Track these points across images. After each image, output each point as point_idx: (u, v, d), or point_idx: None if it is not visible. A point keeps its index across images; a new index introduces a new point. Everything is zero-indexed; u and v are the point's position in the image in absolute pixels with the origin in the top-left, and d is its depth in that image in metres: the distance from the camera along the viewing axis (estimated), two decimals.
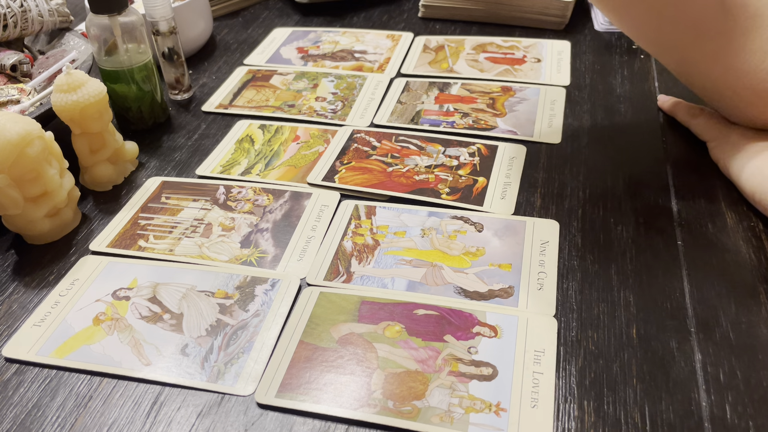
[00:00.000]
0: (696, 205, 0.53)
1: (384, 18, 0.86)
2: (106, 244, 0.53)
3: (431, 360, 0.42)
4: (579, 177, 0.57)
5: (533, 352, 0.42)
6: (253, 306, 0.47)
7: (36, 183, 0.51)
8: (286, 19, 0.88)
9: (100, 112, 0.56)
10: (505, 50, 0.76)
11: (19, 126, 0.49)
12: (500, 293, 0.47)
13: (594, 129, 0.63)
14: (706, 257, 0.48)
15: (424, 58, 0.76)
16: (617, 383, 0.40)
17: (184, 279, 0.49)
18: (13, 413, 0.41)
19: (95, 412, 0.41)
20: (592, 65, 0.72)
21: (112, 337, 0.45)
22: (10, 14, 0.66)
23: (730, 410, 0.39)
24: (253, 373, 0.42)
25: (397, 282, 0.48)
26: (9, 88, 0.62)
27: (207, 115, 0.69)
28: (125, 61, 0.63)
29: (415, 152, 0.61)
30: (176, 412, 0.41)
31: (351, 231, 0.53)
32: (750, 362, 0.41)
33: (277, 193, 0.57)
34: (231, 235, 0.53)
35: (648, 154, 0.59)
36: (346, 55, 0.78)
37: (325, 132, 0.65)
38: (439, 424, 0.38)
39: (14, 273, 0.52)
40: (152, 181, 0.60)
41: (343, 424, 0.39)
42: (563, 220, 0.52)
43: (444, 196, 0.55)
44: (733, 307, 0.44)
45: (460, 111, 0.66)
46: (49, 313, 0.47)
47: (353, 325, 0.45)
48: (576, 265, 0.48)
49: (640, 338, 0.43)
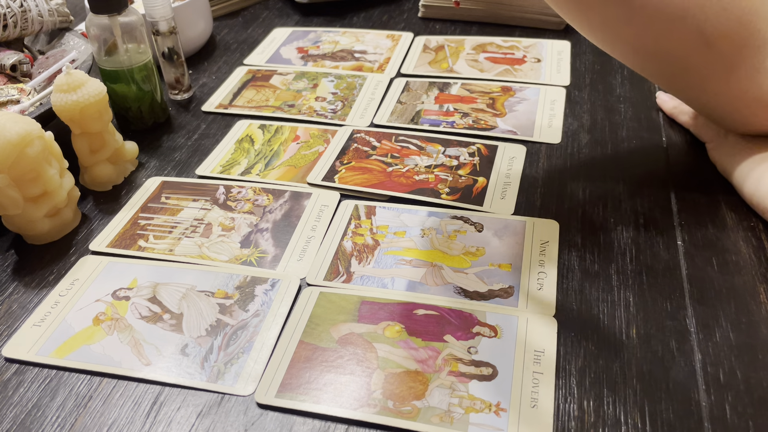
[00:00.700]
0: (696, 205, 0.53)
1: (384, 18, 0.86)
2: (106, 244, 0.53)
3: (431, 360, 0.42)
4: (579, 177, 0.57)
5: (533, 352, 0.42)
6: (253, 306, 0.47)
7: (36, 183, 0.51)
8: (286, 19, 0.88)
9: (100, 112, 0.56)
10: (505, 50, 0.76)
11: (19, 126, 0.49)
12: (500, 293, 0.47)
13: (594, 129, 0.63)
14: (706, 257, 0.48)
15: (424, 58, 0.76)
16: (617, 383, 0.40)
17: (184, 279, 0.49)
18: (13, 413, 0.41)
19: (95, 412, 0.41)
20: (592, 65, 0.72)
21: (112, 337, 0.45)
22: (10, 14, 0.66)
23: (730, 410, 0.39)
24: (253, 373, 0.42)
25: (397, 282, 0.48)
26: (9, 88, 0.62)
27: (207, 115, 0.69)
28: (125, 61, 0.63)
29: (415, 152, 0.61)
30: (176, 412, 0.41)
31: (351, 231, 0.53)
32: (750, 362, 0.41)
33: (277, 193, 0.57)
34: (231, 235, 0.53)
35: (648, 154, 0.59)
36: (346, 55, 0.78)
37: (325, 132, 0.65)
38: (439, 424, 0.38)
39: (14, 273, 0.52)
40: (152, 181, 0.60)
41: (343, 424, 0.39)
42: (563, 220, 0.52)
43: (444, 196, 0.55)
44: (733, 307, 0.44)
45: (460, 111, 0.66)
46: (49, 313, 0.47)
47: (353, 325, 0.45)
48: (576, 265, 0.48)
49: (640, 338, 0.43)
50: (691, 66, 0.48)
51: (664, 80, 0.52)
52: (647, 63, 0.50)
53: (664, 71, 0.50)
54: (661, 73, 0.51)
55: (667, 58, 0.48)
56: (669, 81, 0.52)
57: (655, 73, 0.52)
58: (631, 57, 0.50)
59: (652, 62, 0.50)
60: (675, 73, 0.50)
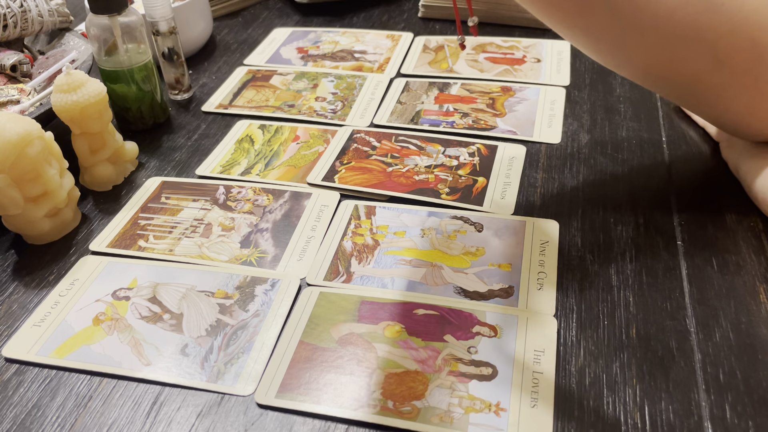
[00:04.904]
0: (696, 205, 0.53)
1: (384, 18, 0.86)
2: (106, 244, 0.53)
3: (431, 360, 0.42)
4: (579, 177, 0.57)
5: (533, 352, 0.42)
6: (253, 306, 0.47)
7: (36, 183, 0.51)
8: (286, 19, 0.88)
9: (100, 112, 0.56)
10: (505, 50, 0.76)
11: (19, 126, 0.49)
12: (500, 293, 0.47)
13: (594, 129, 0.63)
14: (706, 257, 0.48)
15: (423, 58, 0.76)
16: (617, 383, 0.40)
17: (184, 279, 0.49)
18: (13, 413, 0.41)
19: (95, 412, 0.41)
20: (592, 65, 0.72)
21: (112, 337, 0.45)
22: (10, 14, 0.66)
23: (730, 410, 0.39)
24: (253, 373, 0.42)
25: (397, 282, 0.48)
26: (9, 88, 0.62)
27: (207, 115, 0.69)
28: (125, 62, 0.63)
29: (414, 152, 0.61)
30: (176, 412, 0.41)
31: (351, 231, 0.53)
32: (750, 362, 0.41)
33: (277, 193, 0.57)
34: (231, 235, 0.53)
35: (648, 154, 0.59)
36: (346, 55, 0.78)
37: (325, 132, 0.65)
38: (439, 424, 0.38)
39: (14, 273, 0.52)
40: (152, 181, 0.60)
41: (343, 424, 0.39)
42: (563, 220, 0.52)
43: (444, 196, 0.55)
44: (733, 307, 0.44)
45: (459, 111, 0.66)
46: (49, 313, 0.47)
47: (353, 325, 0.45)
48: (576, 265, 0.48)
49: (640, 338, 0.43)
50: (703, 85, 0.47)
51: (675, 97, 0.52)
52: (658, 83, 0.50)
53: (676, 90, 0.50)
54: (673, 92, 0.51)
55: (678, 79, 0.48)
56: (680, 99, 0.52)
57: (666, 91, 0.51)
58: (641, 78, 0.50)
59: (664, 83, 0.49)
60: (687, 92, 0.49)
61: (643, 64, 0.47)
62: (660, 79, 0.49)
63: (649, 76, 0.49)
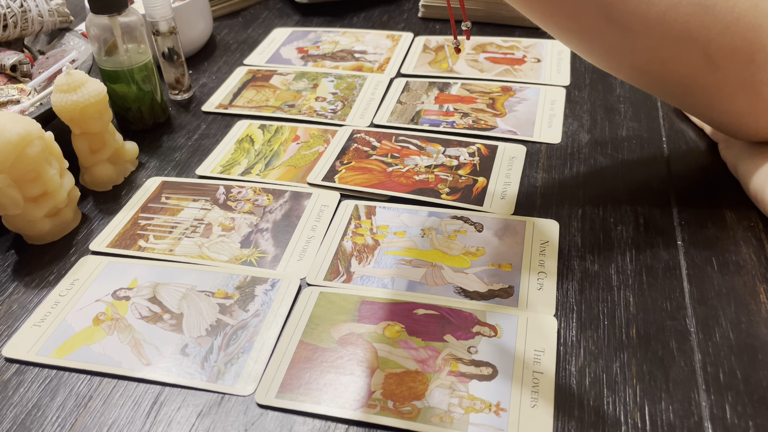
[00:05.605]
0: (696, 205, 0.53)
1: (384, 18, 0.86)
2: (106, 244, 0.53)
3: (431, 360, 0.42)
4: (579, 177, 0.57)
5: (533, 351, 0.42)
6: (253, 306, 0.47)
7: (36, 183, 0.51)
8: (286, 19, 0.88)
9: (100, 112, 0.56)
10: (505, 50, 0.76)
11: (19, 126, 0.49)
12: (500, 293, 0.47)
13: (594, 129, 0.63)
14: (706, 257, 0.48)
15: (424, 58, 0.76)
16: (617, 383, 0.40)
17: (184, 279, 0.49)
18: (13, 413, 0.41)
19: (95, 412, 0.41)
20: (592, 65, 0.72)
21: (112, 337, 0.45)
22: (10, 14, 0.66)
23: (730, 410, 0.39)
24: (253, 373, 0.42)
25: (397, 282, 0.48)
26: (9, 88, 0.62)
27: (207, 115, 0.69)
28: (125, 62, 0.63)
29: (415, 152, 0.61)
30: (176, 412, 0.41)
31: (351, 231, 0.53)
32: (750, 362, 0.41)
33: (277, 193, 0.57)
34: (231, 235, 0.53)
35: (648, 154, 0.59)
36: (346, 55, 0.78)
37: (325, 132, 0.65)
38: (439, 424, 0.38)
39: (14, 273, 0.52)
40: (152, 181, 0.60)
41: (343, 424, 0.39)
42: (563, 220, 0.52)
43: (444, 196, 0.55)
44: (733, 307, 0.44)
45: (460, 111, 0.66)
46: (49, 313, 0.47)
47: (353, 325, 0.45)
48: (576, 265, 0.48)
49: (640, 338, 0.43)
50: (697, 86, 0.47)
51: (670, 98, 0.52)
52: (653, 84, 0.50)
53: (671, 91, 0.50)
54: (668, 93, 0.51)
55: (673, 80, 0.48)
56: (675, 99, 0.52)
57: (661, 93, 0.51)
58: (637, 80, 0.50)
59: (659, 84, 0.49)
60: (682, 92, 0.49)
61: (638, 65, 0.48)
62: (655, 80, 0.49)
63: (643, 77, 0.49)
